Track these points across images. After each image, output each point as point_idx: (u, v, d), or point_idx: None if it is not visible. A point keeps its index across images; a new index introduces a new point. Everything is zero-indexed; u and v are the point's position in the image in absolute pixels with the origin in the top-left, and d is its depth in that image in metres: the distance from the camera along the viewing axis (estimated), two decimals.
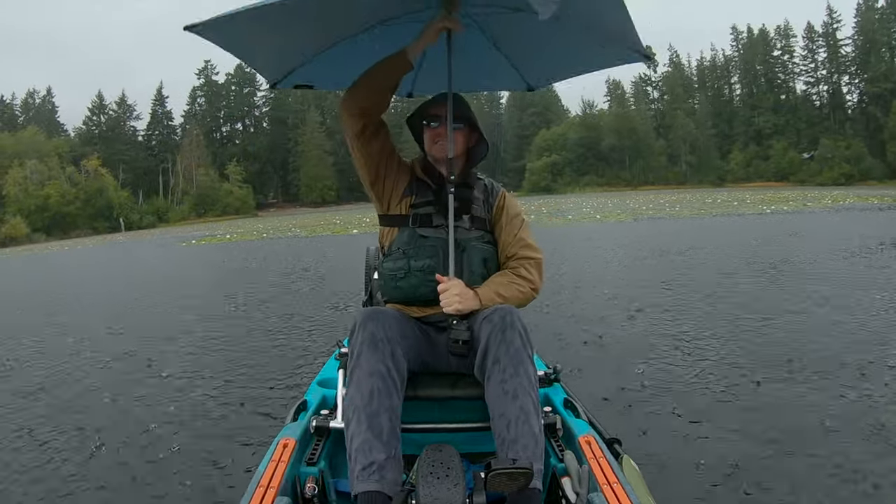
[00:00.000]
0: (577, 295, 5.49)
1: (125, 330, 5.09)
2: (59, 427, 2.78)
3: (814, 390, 2.72)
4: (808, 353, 3.26)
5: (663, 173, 54.43)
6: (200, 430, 2.66)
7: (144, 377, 3.56)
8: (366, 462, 1.23)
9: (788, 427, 2.31)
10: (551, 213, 20.55)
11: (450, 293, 1.45)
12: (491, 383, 1.33)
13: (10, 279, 12.64)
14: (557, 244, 10.37)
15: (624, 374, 3.09)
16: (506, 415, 1.29)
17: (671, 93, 58.02)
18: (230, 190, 54.46)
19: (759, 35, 57.65)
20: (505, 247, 1.62)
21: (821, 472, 1.97)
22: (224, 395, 3.15)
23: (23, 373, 3.90)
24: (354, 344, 1.35)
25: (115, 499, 2.07)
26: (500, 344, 1.34)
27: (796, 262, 6.68)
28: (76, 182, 49.05)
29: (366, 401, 1.28)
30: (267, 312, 5.51)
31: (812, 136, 51.94)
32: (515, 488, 1.13)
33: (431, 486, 1.15)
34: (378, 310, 1.41)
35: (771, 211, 15.62)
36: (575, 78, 2.01)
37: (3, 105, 57.88)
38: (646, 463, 1.89)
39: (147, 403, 3.05)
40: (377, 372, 1.30)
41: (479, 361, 1.37)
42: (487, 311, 1.41)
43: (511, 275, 1.57)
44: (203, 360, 3.90)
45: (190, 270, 11.22)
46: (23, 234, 42.30)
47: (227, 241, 19.20)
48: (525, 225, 1.66)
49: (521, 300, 1.56)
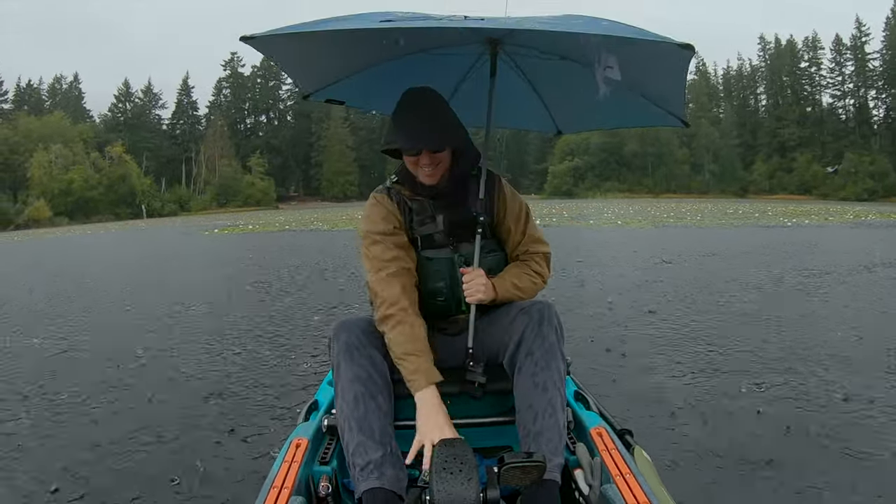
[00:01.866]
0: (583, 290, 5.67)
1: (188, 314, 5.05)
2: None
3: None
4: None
5: (686, 182, 54.18)
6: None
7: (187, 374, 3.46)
8: (363, 463, 1.25)
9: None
10: (572, 217, 20.60)
11: (475, 282, 1.44)
12: (522, 375, 1.35)
13: (60, 259, 12.63)
14: (579, 244, 10.67)
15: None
16: (534, 406, 1.31)
17: (696, 101, 57.57)
18: (252, 182, 54.72)
19: (786, 46, 57.27)
20: (514, 244, 1.58)
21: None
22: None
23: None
24: (333, 357, 1.37)
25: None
26: (536, 337, 1.35)
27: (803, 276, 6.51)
28: (100, 168, 49.42)
29: (352, 407, 1.30)
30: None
31: (837, 150, 51.53)
32: (529, 482, 1.13)
33: (445, 481, 1.12)
34: (350, 319, 1.41)
35: (792, 224, 15.47)
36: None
37: (31, 89, 58.32)
38: (657, 454, 1.88)
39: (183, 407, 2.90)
40: (357, 377, 1.32)
41: (512, 352, 1.38)
42: (526, 304, 1.43)
43: (525, 266, 1.55)
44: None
45: (225, 257, 11.20)
46: (45, 217, 42.81)
47: (250, 231, 19.35)
48: (530, 218, 1.60)
49: (533, 292, 1.55)
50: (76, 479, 2.12)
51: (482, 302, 1.45)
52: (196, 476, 2.11)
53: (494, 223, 1.57)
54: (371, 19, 1.23)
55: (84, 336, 4.53)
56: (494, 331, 1.47)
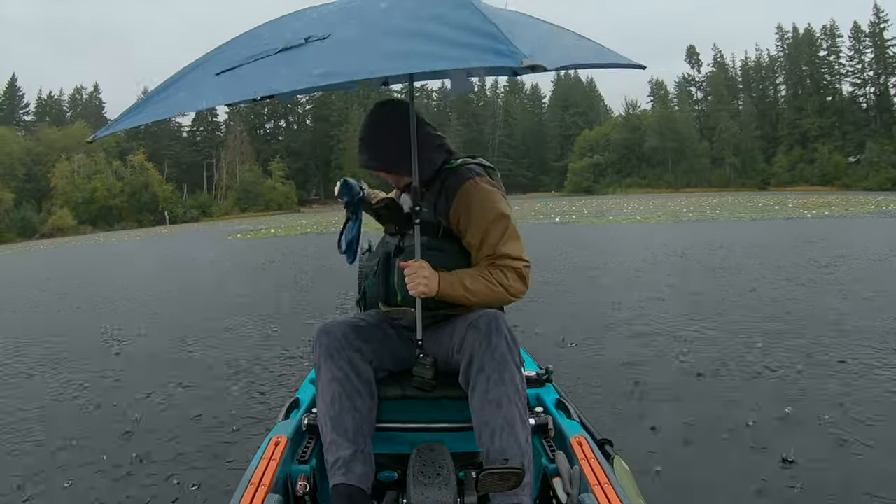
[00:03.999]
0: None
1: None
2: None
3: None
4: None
5: (706, 175, 53.72)
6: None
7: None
8: (333, 459, 1.29)
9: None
10: (591, 214, 20.70)
11: (417, 275, 1.37)
12: (475, 393, 1.30)
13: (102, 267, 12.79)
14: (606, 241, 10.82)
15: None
16: (490, 424, 1.27)
17: (715, 93, 57.15)
18: (273, 186, 55.07)
19: (804, 35, 56.60)
20: (476, 260, 1.47)
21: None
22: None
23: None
24: (314, 359, 1.42)
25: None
26: (486, 351, 1.29)
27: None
28: (122, 176, 49.92)
29: (328, 406, 1.34)
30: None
31: (858, 140, 50.88)
32: (507, 488, 1.13)
33: (422, 486, 1.14)
34: (331, 322, 1.45)
35: (812, 215, 15.26)
36: (616, 78, 1.73)
37: (52, 101, 58.93)
38: (637, 464, 1.85)
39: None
40: (336, 379, 1.36)
41: (464, 369, 1.34)
42: (473, 317, 1.35)
43: (485, 270, 1.43)
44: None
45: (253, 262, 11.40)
46: (69, 225, 43.33)
47: (272, 235, 19.53)
48: (502, 233, 1.43)
49: (489, 297, 1.42)
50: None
51: (425, 295, 1.39)
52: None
53: (449, 224, 1.47)
54: (209, 70, 1.12)
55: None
56: (443, 346, 1.43)
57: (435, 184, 1.50)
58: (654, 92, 60.73)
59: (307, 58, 1.04)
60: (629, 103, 62.79)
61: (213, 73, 1.11)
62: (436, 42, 0.99)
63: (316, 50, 1.04)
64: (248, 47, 1.15)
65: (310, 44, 1.05)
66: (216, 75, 1.10)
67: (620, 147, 55.16)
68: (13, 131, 50.52)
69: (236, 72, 1.08)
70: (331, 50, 1.05)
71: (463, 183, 1.45)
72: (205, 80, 1.14)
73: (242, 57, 1.11)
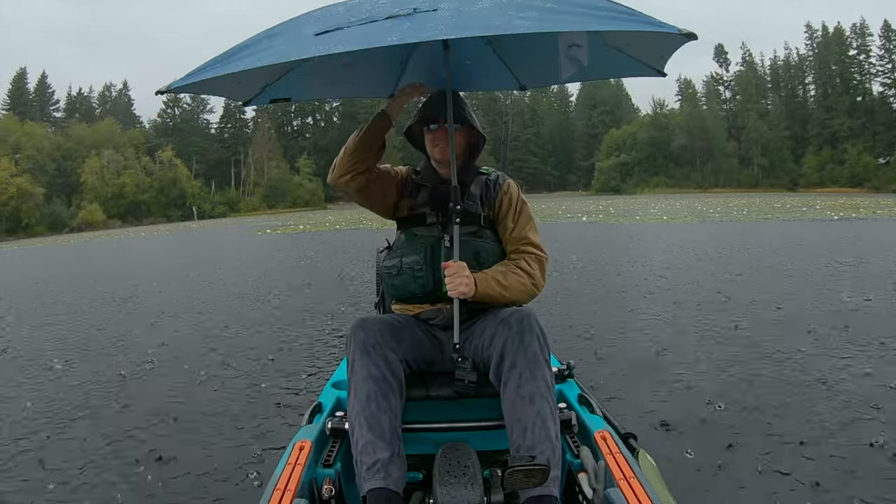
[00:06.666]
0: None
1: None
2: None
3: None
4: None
5: (734, 176, 53.31)
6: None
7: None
8: (370, 462, 1.25)
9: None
10: (618, 213, 20.45)
11: (458, 275, 1.43)
12: (507, 388, 1.32)
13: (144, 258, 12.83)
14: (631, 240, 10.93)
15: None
16: (522, 420, 1.28)
17: (744, 93, 56.61)
18: (300, 183, 55.50)
19: (834, 33, 56.00)
20: (507, 243, 1.60)
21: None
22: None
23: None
24: (349, 354, 1.41)
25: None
26: (518, 348, 1.33)
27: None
28: (151, 172, 50.43)
29: (364, 405, 1.32)
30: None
31: (889, 141, 50.18)
32: (532, 485, 1.12)
33: (448, 485, 1.14)
34: (367, 318, 1.45)
35: (838, 217, 14.89)
36: (643, 77, 1.70)
37: (81, 98, 59.60)
38: (661, 457, 1.81)
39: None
40: (372, 376, 1.34)
41: (496, 365, 1.36)
42: (505, 314, 1.40)
43: (511, 265, 1.54)
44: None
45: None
46: (99, 220, 43.92)
47: (301, 230, 19.38)
48: (529, 223, 1.63)
49: (521, 292, 1.52)
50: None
51: (464, 296, 1.44)
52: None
53: (496, 218, 1.63)
54: (302, 32, 1.14)
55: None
56: (477, 344, 1.47)
57: (474, 185, 1.65)
58: (681, 91, 60.28)
59: (426, 18, 1.03)
60: (656, 102, 62.41)
61: (309, 34, 1.09)
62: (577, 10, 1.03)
63: (428, 16, 1.03)
64: (342, 18, 1.12)
65: (418, 14, 1.05)
66: (316, 35, 1.07)
67: (647, 146, 54.84)
68: (43, 128, 51.09)
69: (345, 31, 1.06)
70: (455, 12, 1.06)
71: (506, 181, 1.69)
72: (304, 40, 1.11)
73: (345, 21, 1.09)
